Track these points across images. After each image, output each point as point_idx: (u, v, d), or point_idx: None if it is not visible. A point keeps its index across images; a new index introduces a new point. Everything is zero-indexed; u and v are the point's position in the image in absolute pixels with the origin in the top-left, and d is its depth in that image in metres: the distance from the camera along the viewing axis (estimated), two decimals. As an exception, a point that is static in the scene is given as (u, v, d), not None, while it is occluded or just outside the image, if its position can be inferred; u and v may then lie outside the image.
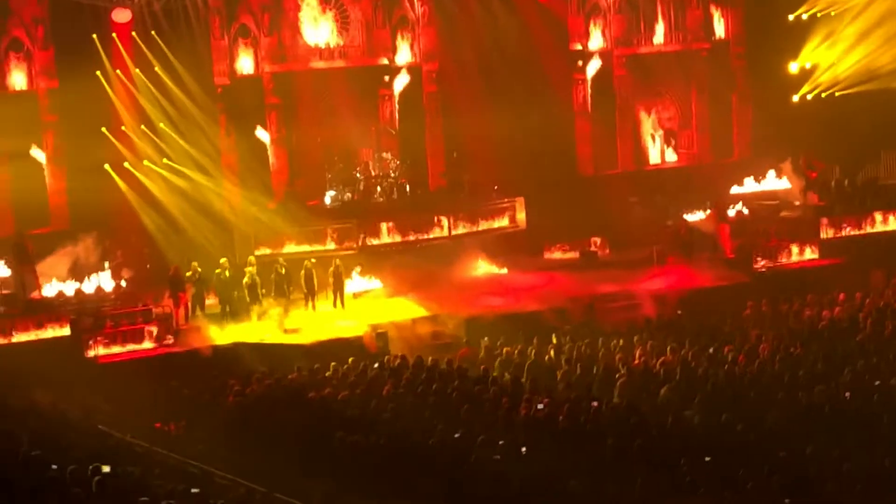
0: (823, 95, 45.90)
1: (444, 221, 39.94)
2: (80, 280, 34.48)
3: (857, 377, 23.32)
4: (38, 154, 39.27)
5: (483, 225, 40.68)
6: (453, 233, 40.00)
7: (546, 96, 43.74)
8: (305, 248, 38.33)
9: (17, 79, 39.17)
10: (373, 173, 40.88)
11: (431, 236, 39.81)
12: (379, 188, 40.69)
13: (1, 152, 38.63)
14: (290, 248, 38.32)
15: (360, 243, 38.78)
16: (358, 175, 40.74)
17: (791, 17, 45.78)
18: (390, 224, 39.33)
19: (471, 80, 42.64)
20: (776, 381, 23.34)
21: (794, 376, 23.42)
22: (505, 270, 39.15)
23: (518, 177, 41.66)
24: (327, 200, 40.56)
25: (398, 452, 20.50)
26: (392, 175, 41.04)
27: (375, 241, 39.18)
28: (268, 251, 38.00)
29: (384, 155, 41.46)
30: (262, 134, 41.67)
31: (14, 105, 38.54)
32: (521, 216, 41.10)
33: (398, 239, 39.44)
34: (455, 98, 43.09)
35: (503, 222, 41.00)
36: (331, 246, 38.65)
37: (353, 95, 42.27)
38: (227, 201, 39.08)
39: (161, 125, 38.89)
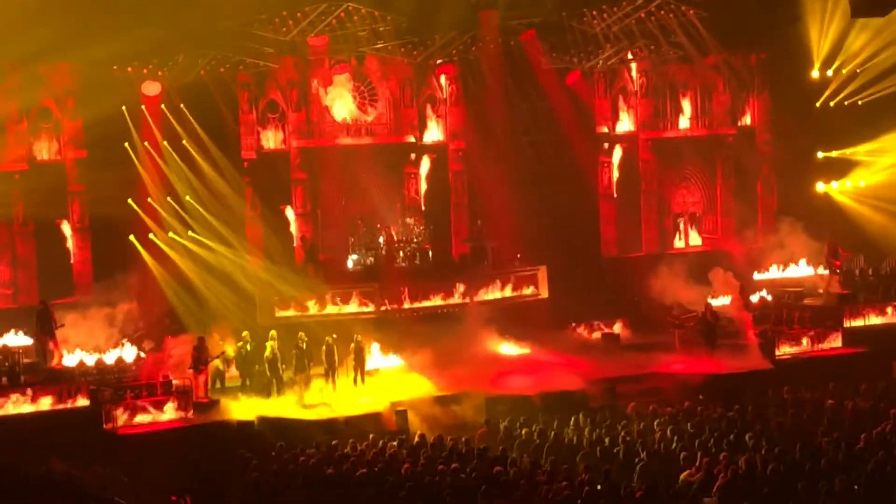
0: (849, 185, 45.99)
1: (466, 288, 40.01)
2: (102, 350, 34.50)
3: (879, 467, 23.08)
4: (64, 228, 39.62)
5: (505, 292, 40.66)
6: (475, 299, 40.01)
7: (572, 177, 43.93)
8: (326, 310, 38.45)
9: (46, 149, 39.56)
10: (396, 238, 41.04)
11: (453, 302, 39.83)
12: (402, 253, 40.82)
13: (27, 222, 38.95)
14: (311, 310, 38.41)
15: (380, 307, 38.84)
16: (381, 240, 40.89)
17: (818, 105, 45.93)
18: (412, 289, 39.39)
19: (497, 159, 42.74)
20: (797, 470, 23.11)
21: (815, 466, 23.20)
22: (527, 350, 38.99)
23: (541, 251, 41.65)
24: (349, 264, 40.71)
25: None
26: (415, 241, 41.18)
27: (396, 306, 39.24)
28: (289, 313, 38.13)
29: (408, 220, 41.69)
30: (289, 212, 41.93)
31: (42, 175, 38.96)
32: (544, 285, 41.05)
33: (419, 304, 39.49)
34: (480, 175, 43.25)
35: (525, 291, 40.94)
36: (351, 309, 38.70)
37: (379, 172, 42.49)
38: (250, 272, 39.07)
39: (187, 197, 39.12)
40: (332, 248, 41.68)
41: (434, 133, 44.00)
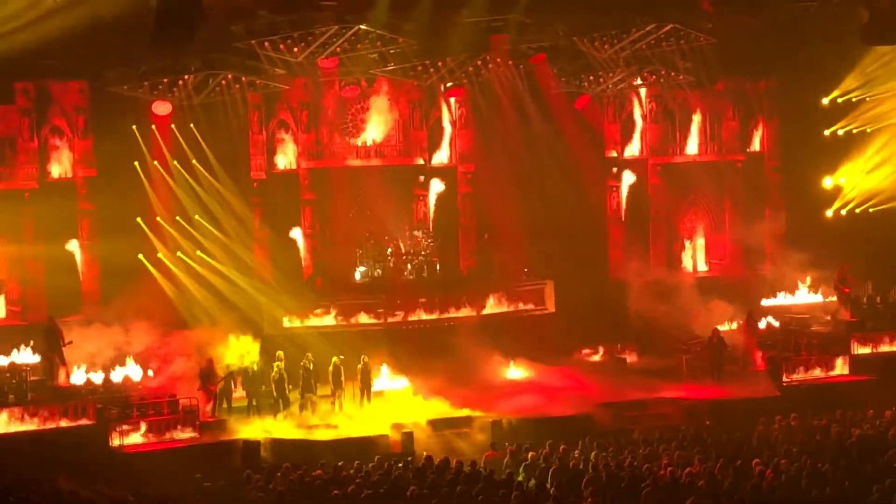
0: (857, 211, 45.98)
1: (473, 300, 40.29)
2: (109, 369, 34.54)
3: (885, 496, 23.04)
4: (73, 246, 39.64)
5: (512, 305, 40.94)
6: (482, 312, 40.11)
7: (580, 201, 43.88)
8: (332, 322, 38.74)
9: (57, 167, 39.71)
10: (403, 251, 41.13)
11: (460, 315, 39.92)
12: (409, 266, 40.96)
13: (37, 240, 38.98)
14: (316, 321, 38.74)
15: (386, 319, 39.00)
16: (389, 252, 40.98)
17: (827, 133, 45.94)
18: (419, 301, 39.65)
19: (505, 182, 42.79)
20: (803, 498, 23.08)
21: (821, 493, 23.17)
22: (533, 373, 38.93)
23: (549, 271, 41.83)
24: (357, 276, 40.79)
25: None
26: (423, 253, 41.33)
27: (403, 318, 39.53)
28: (296, 325, 38.45)
29: (416, 233, 41.88)
30: (296, 233, 42.00)
31: (52, 194, 39.09)
32: (551, 299, 41.29)
33: (426, 316, 39.70)
34: (489, 198, 43.30)
35: (532, 305, 41.21)
36: (359, 321, 39.06)
37: (387, 193, 42.53)
38: (258, 286, 39.14)
39: (196, 217, 39.14)
40: (340, 265, 41.68)
41: (443, 155, 44.07)
